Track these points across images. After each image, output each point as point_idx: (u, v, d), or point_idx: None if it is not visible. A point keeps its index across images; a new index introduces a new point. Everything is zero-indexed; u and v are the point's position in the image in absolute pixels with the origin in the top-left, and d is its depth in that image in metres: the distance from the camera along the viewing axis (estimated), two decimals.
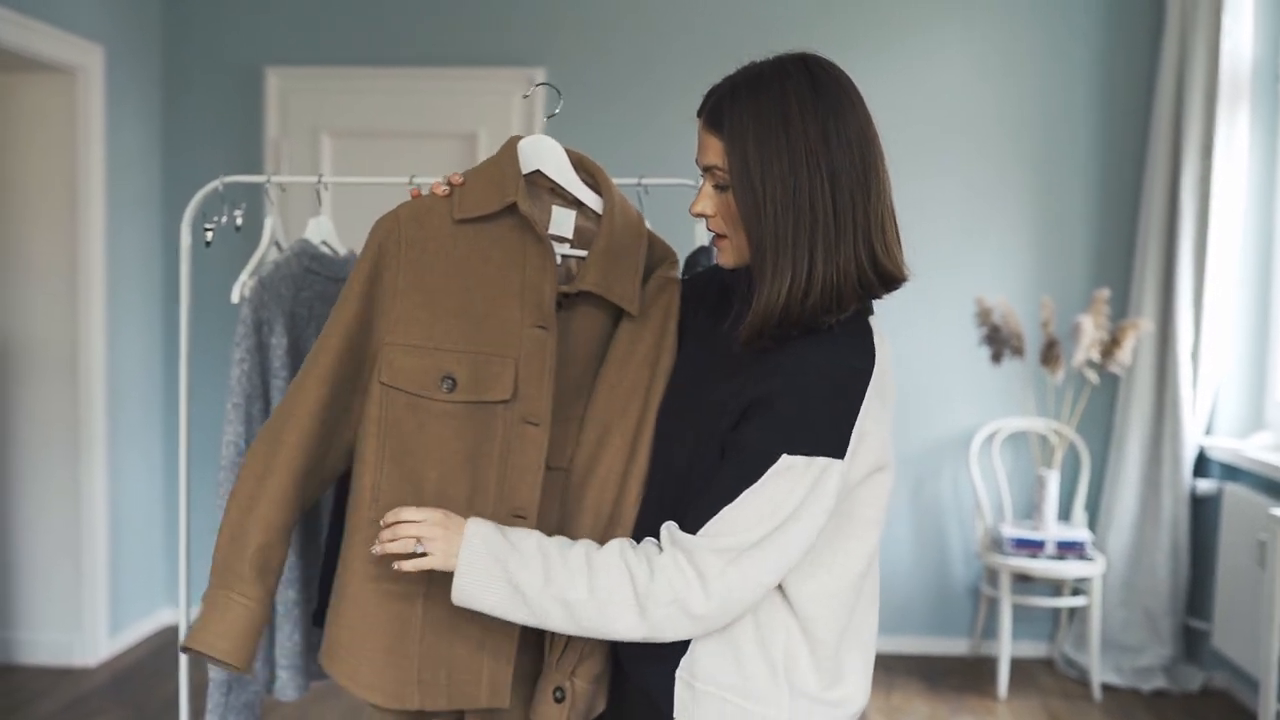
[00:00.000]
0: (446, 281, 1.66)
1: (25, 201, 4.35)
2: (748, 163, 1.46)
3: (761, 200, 1.46)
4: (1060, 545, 4.26)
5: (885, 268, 1.50)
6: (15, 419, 4.40)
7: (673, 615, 1.45)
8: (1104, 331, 4.28)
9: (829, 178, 1.45)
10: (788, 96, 1.47)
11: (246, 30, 4.82)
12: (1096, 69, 4.61)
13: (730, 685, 1.51)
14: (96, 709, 4.02)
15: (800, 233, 1.45)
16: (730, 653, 1.51)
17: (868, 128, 1.51)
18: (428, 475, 1.65)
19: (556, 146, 1.75)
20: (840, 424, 1.45)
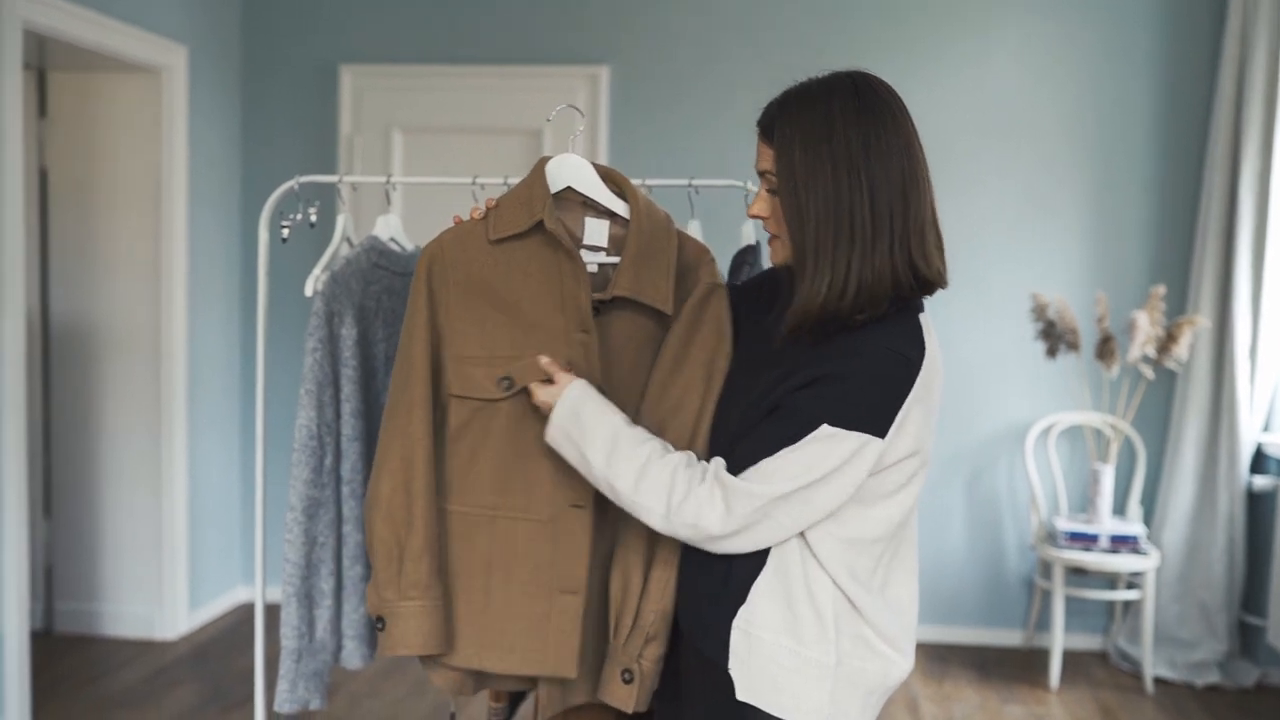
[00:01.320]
0: (493, 298, 1.82)
1: (113, 196, 4.57)
2: (793, 170, 1.58)
3: (804, 206, 1.58)
4: (1114, 539, 4.29)
5: (923, 273, 1.61)
6: (102, 403, 4.63)
7: (691, 535, 1.63)
8: (1159, 327, 4.30)
9: (868, 188, 1.56)
10: (833, 111, 1.58)
11: (322, 30, 4.99)
12: (1156, 66, 4.62)
13: (785, 630, 1.63)
14: (176, 679, 4.23)
15: (839, 238, 1.57)
16: (784, 600, 1.63)
17: (911, 143, 1.61)
18: (490, 469, 1.82)
19: (583, 163, 1.88)
20: (885, 407, 1.58)
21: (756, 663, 1.64)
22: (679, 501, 1.61)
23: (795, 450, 1.57)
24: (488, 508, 1.84)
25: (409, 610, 1.80)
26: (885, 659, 1.66)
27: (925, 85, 4.66)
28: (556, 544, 1.81)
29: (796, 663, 1.62)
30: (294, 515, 2.29)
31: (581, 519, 1.81)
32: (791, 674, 1.62)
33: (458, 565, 1.84)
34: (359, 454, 2.35)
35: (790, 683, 1.62)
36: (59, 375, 4.65)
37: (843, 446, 1.56)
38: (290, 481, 2.29)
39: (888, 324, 1.60)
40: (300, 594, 2.30)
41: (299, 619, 2.30)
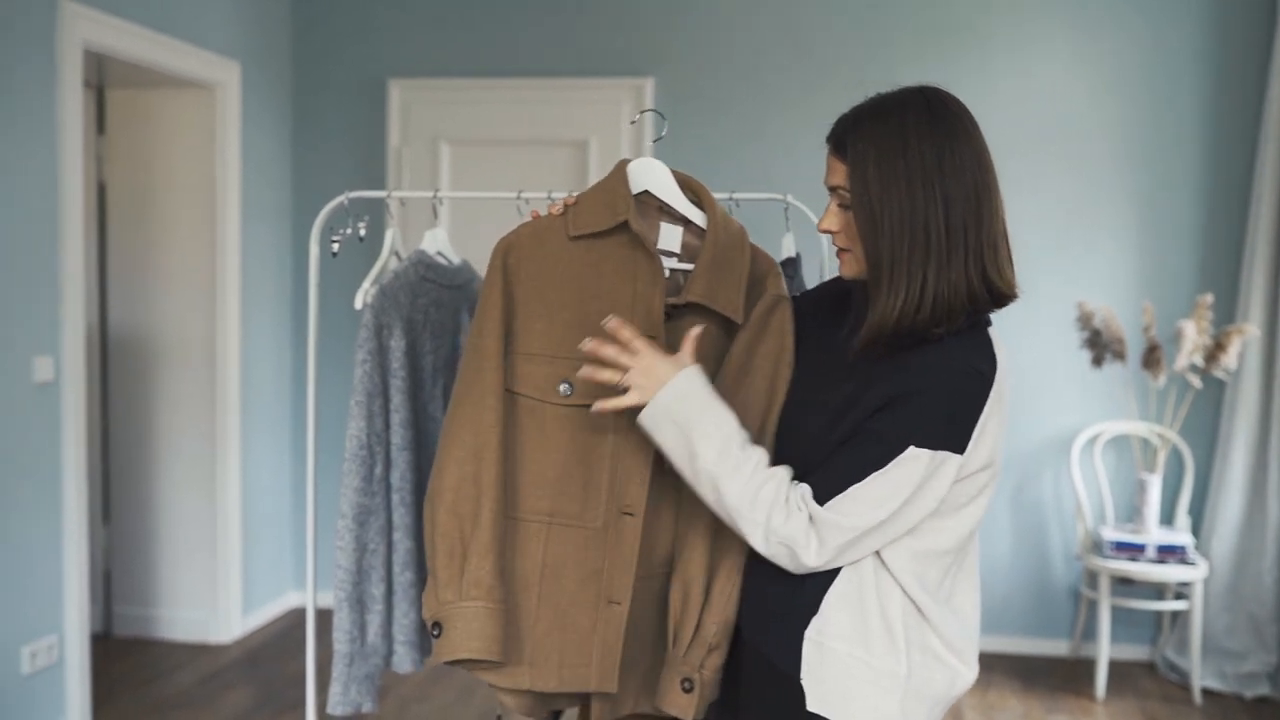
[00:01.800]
0: (563, 294, 1.78)
1: (169, 209, 4.68)
2: (867, 185, 1.59)
3: (879, 220, 1.59)
4: (1161, 549, 4.27)
5: (996, 286, 1.62)
6: (159, 412, 4.74)
7: (783, 557, 1.63)
8: (1207, 336, 4.27)
9: (943, 202, 1.57)
10: (907, 125, 1.59)
11: (371, 45, 5.08)
12: (1203, 72, 4.59)
13: (857, 641, 1.64)
14: (229, 682, 4.32)
15: (914, 251, 1.57)
16: (858, 612, 1.65)
17: (983, 156, 1.62)
18: (546, 474, 1.78)
19: (663, 168, 1.88)
20: (964, 423, 1.59)
21: (829, 674, 1.65)
22: (780, 523, 1.61)
23: (883, 475, 1.58)
24: (543, 514, 1.79)
25: (470, 611, 1.73)
26: (952, 669, 1.68)
27: (970, 97, 4.60)
28: (606, 552, 1.79)
29: (869, 674, 1.63)
30: (345, 522, 2.35)
31: (633, 526, 1.78)
32: (864, 685, 1.64)
33: (509, 576, 1.79)
34: (408, 463, 2.41)
35: (862, 693, 1.64)
36: (117, 385, 4.77)
37: (927, 466, 1.58)
38: (341, 489, 2.36)
39: (961, 339, 1.61)
40: (352, 599, 2.36)
41: (351, 623, 2.36)
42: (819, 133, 1.71)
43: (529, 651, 1.79)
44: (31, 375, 3.58)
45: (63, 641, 3.74)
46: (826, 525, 1.59)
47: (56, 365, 3.68)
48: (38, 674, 3.63)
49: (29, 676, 3.59)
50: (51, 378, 3.65)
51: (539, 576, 1.79)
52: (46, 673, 3.67)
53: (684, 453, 1.65)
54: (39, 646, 3.62)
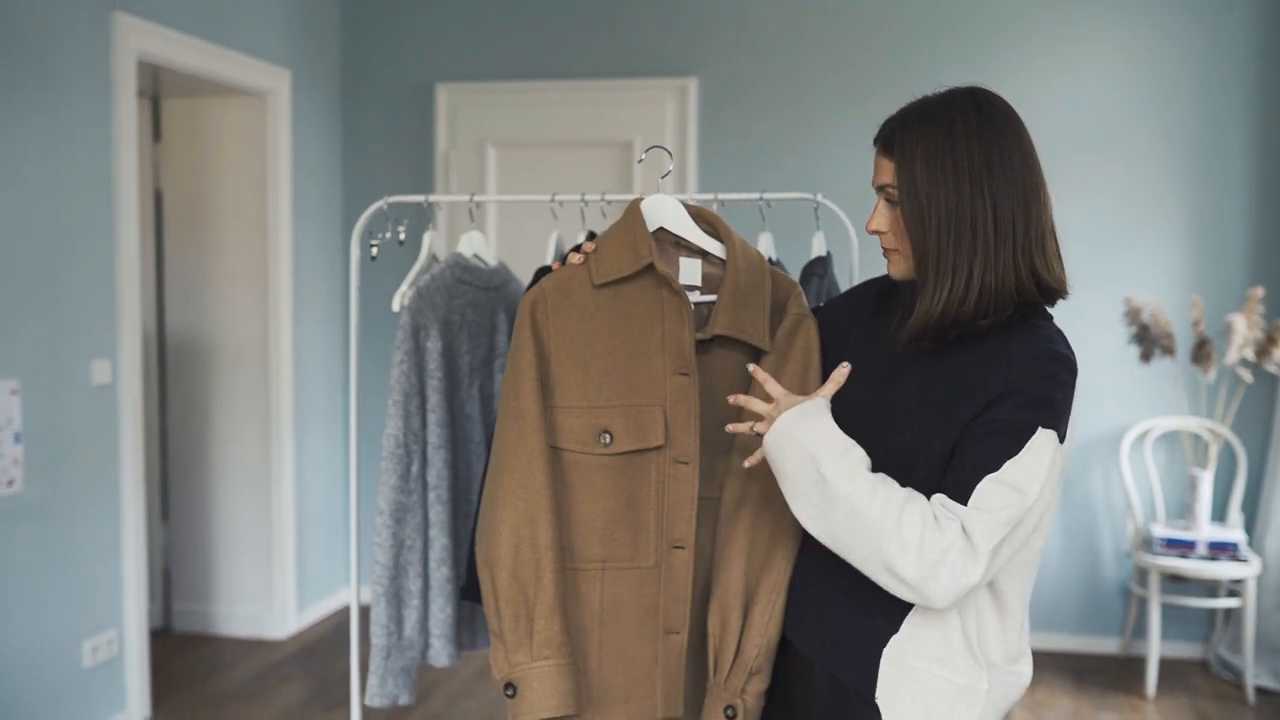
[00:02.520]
0: (593, 343, 1.80)
1: (223, 215, 4.79)
2: (915, 181, 1.61)
3: (926, 215, 1.60)
4: (1212, 546, 4.22)
5: (1045, 281, 1.63)
6: (214, 412, 4.85)
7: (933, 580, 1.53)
8: (1258, 330, 4.21)
9: (991, 198, 1.58)
10: (955, 124, 1.61)
11: (418, 50, 5.16)
12: (1254, 63, 4.52)
13: (937, 659, 1.62)
14: (285, 676, 4.41)
15: (961, 245, 1.59)
16: (940, 628, 1.63)
17: (1030, 154, 1.63)
18: (595, 523, 1.80)
19: (675, 202, 1.89)
20: (1067, 407, 1.60)
21: (908, 692, 1.63)
22: (935, 540, 1.53)
23: (1017, 462, 1.54)
24: (596, 561, 1.81)
25: (544, 671, 1.74)
26: (1020, 675, 1.67)
27: (1015, 94, 4.57)
28: (662, 587, 1.81)
29: (950, 691, 1.62)
30: (382, 519, 2.41)
31: (684, 559, 1.80)
32: (943, 702, 1.62)
33: (570, 625, 1.80)
34: (444, 461, 2.46)
35: (941, 710, 1.63)
36: (175, 387, 4.89)
37: (1055, 449, 1.57)
38: (379, 487, 2.42)
39: (1040, 327, 1.63)
40: (389, 594, 2.42)
41: (388, 618, 2.42)
42: (860, 133, 1.72)
43: (595, 692, 1.81)
44: (90, 378, 3.69)
45: (122, 636, 3.85)
46: (978, 525, 1.52)
47: (114, 368, 3.79)
48: (98, 668, 3.74)
49: (90, 670, 3.70)
50: (109, 380, 3.76)
51: (599, 621, 1.81)
52: (107, 666, 3.78)
53: (811, 475, 1.60)
54: (99, 641, 3.74)
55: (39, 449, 3.48)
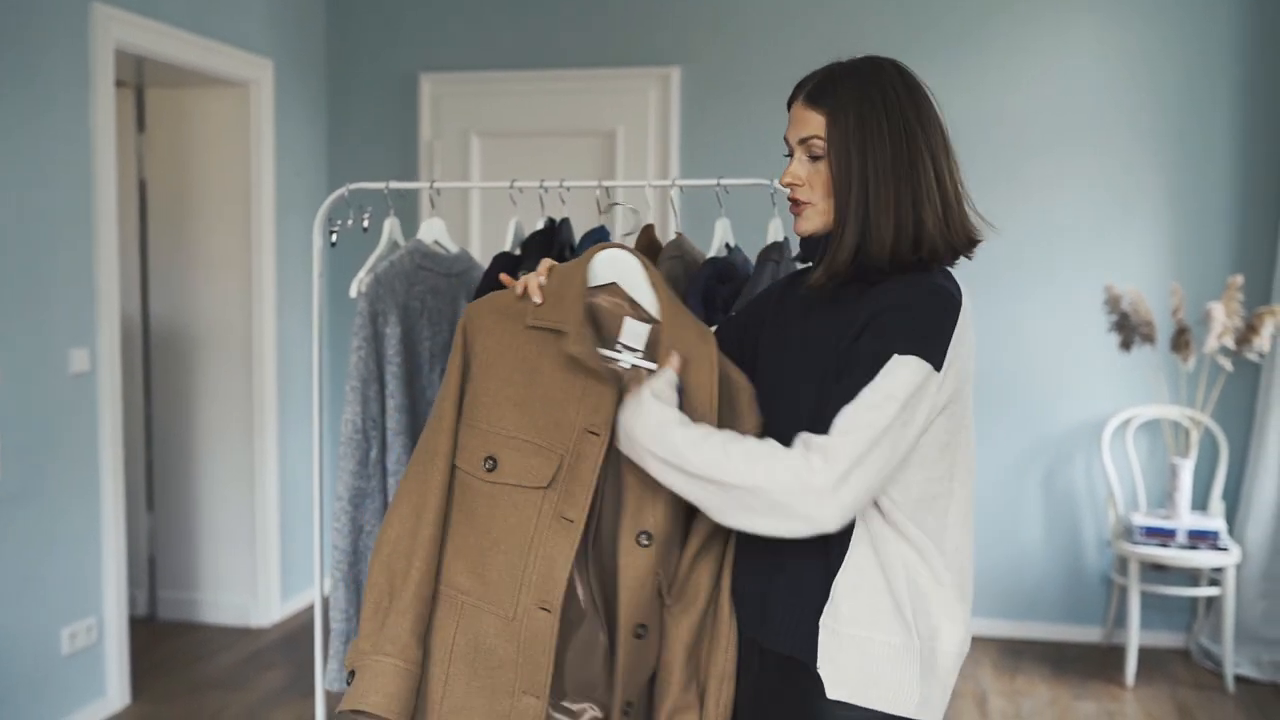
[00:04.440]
0: (513, 373, 1.75)
1: (207, 205, 4.81)
2: (849, 134, 1.67)
3: (855, 167, 1.67)
4: (1192, 534, 4.22)
5: (960, 232, 1.71)
6: (199, 402, 4.87)
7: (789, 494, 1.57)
8: (1238, 318, 4.20)
9: (914, 154, 1.67)
10: (885, 84, 1.70)
11: (402, 40, 5.17)
12: (1238, 53, 4.51)
13: (869, 622, 1.65)
14: (268, 664, 4.44)
15: (881, 198, 1.65)
16: (866, 595, 1.65)
17: (942, 122, 1.74)
18: (467, 552, 1.74)
19: (634, 263, 1.82)
20: (939, 338, 1.62)
21: (846, 658, 1.66)
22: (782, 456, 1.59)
23: (873, 387, 1.58)
24: (460, 590, 1.73)
25: (379, 666, 1.69)
26: (960, 626, 1.69)
27: (1001, 80, 4.64)
28: (520, 644, 1.70)
29: (887, 652, 1.65)
30: (341, 505, 2.43)
31: (548, 622, 1.69)
32: (882, 664, 1.65)
33: (427, 643, 1.75)
34: (404, 447, 2.47)
35: (881, 672, 1.65)
36: (159, 375, 4.91)
37: (915, 375, 1.59)
38: (338, 473, 2.43)
39: (931, 271, 1.68)
40: (348, 579, 2.43)
41: (347, 603, 2.43)
42: None
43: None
44: (68, 366, 3.70)
45: (101, 623, 3.87)
46: (830, 448, 1.56)
47: (93, 356, 3.81)
48: (77, 655, 3.76)
49: (68, 657, 3.73)
50: (88, 368, 3.78)
51: (449, 656, 1.73)
52: (86, 653, 3.80)
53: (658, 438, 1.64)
54: (78, 628, 3.76)
55: (17, 437, 3.50)
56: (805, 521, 1.58)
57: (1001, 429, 4.74)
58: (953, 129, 1.77)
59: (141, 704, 4.01)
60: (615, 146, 4.95)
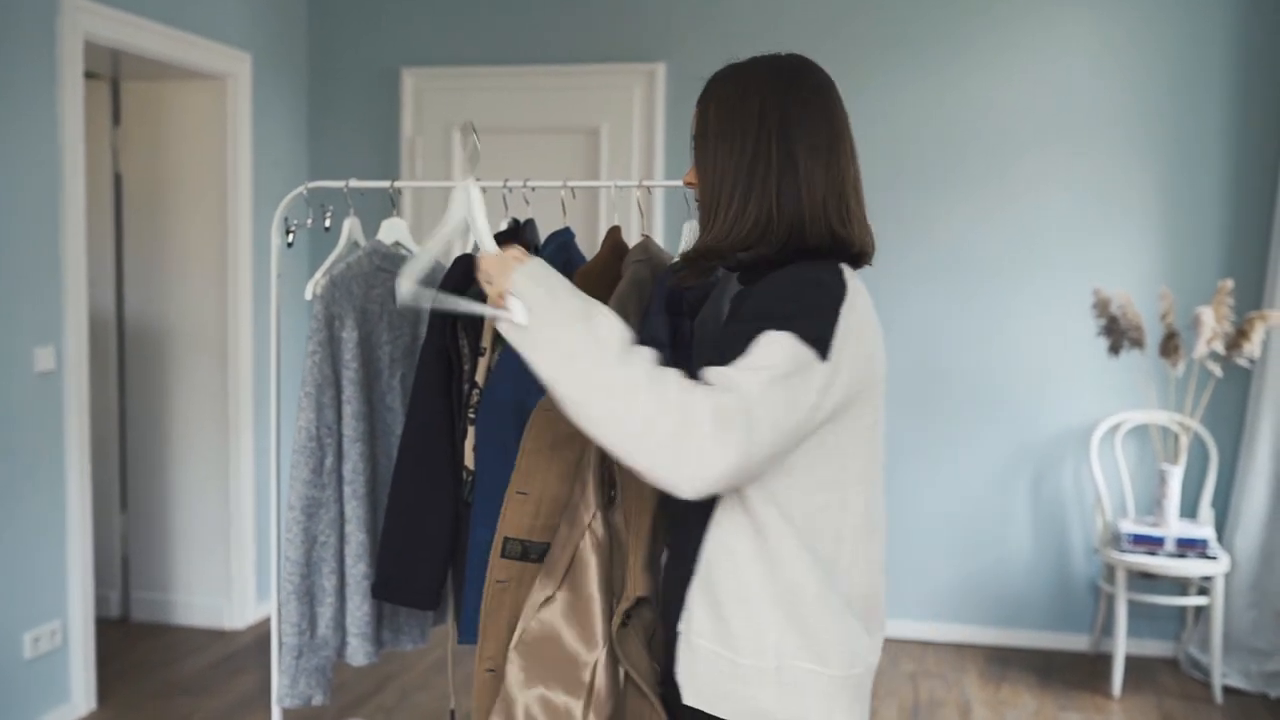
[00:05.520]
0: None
1: (183, 200, 4.72)
2: (707, 128, 1.65)
3: (710, 158, 1.64)
4: (1181, 542, 4.15)
5: (840, 235, 1.62)
6: (173, 400, 4.79)
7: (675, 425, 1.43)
8: (1227, 323, 4.13)
9: (783, 148, 1.60)
10: (753, 79, 1.65)
11: (384, 34, 5.08)
12: (1230, 55, 4.43)
13: (717, 638, 1.58)
14: (240, 668, 4.36)
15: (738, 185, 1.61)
16: (716, 609, 1.58)
17: (836, 121, 1.66)
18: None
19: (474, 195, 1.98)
20: (820, 321, 1.50)
21: (699, 670, 1.60)
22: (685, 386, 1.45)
23: (746, 357, 1.46)
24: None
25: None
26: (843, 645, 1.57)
27: (989, 81, 4.55)
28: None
29: (735, 671, 1.57)
30: (293, 514, 2.34)
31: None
32: (730, 681, 1.57)
33: None
34: (360, 454, 2.39)
35: (732, 690, 1.58)
36: (134, 372, 4.83)
37: (789, 350, 1.46)
38: (290, 482, 2.35)
39: (813, 263, 1.59)
40: (300, 591, 2.35)
41: (299, 616, 2.35)
42: None
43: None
44: (33, 365, 3.62)
45: (66, 627, 3.80)
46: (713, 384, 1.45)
47: (58, 355, 3.73)
48: (40, 659, 3.69)
49: (31, 662, 3.65)
50: (53, 367, 3.70)
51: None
52: (49, 658, 3.73)
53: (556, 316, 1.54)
54: (41, 632, 3.68)
55: None
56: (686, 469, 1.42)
57: (988, 433, 4.66)
58: (939, 127, 1.73)
59: (107, 709, 3.94)
60: (599, 143, 4.87)
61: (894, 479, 4.73)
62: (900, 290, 4.67)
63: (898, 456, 4.72)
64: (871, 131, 4.61)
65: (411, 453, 2.26)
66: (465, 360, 2.25)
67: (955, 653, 4.64)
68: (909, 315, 4.66)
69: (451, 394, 2.25)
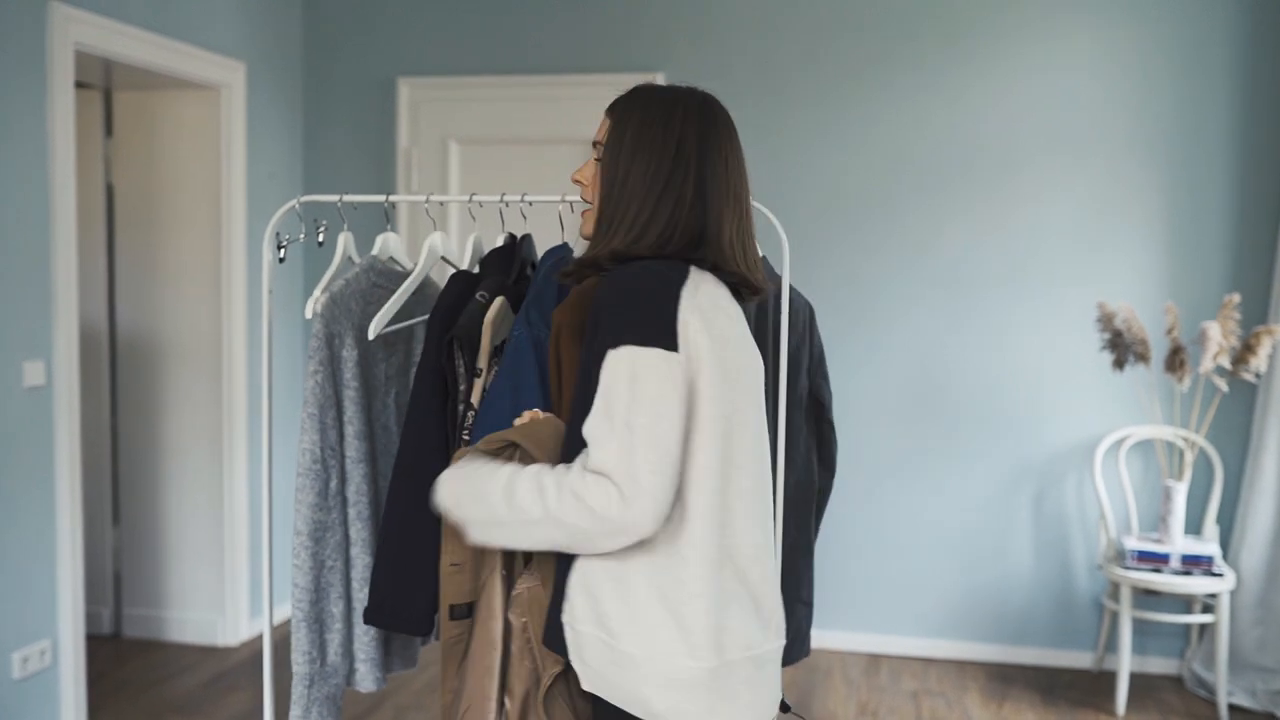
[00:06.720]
0: None
1: (176, 211, 4.66)
2: (623, 144, 1.72)
3: (619, 176, 1.71)
4: (1186, 559, 4.10)
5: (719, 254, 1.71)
6: (166, 414, 4.73)
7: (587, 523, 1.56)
8: (1233, 338, 4.09)
9: (695, 174, 1.70)
10: (677, 104, 1.75)
11: (380, 43, 5.03)
12: (1234, 67, 4.39)
13: (595, 623, 1.63)
14: (235, 684, 4.30)
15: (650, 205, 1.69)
16: (590, 595, 1.63)
17: (736, 162, 1.77)
18: None
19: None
20: (657, 317, 1.58)
21: (588, 656, 1.64)
22: (554, 496, 1.58)
23: (601, 392, 1.56)
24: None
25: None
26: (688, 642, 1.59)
27: (991, 93, 4.51)
28: None
29: (613, 656, 1.61)
30: (301, 540, 2.28)
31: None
32: (611, 667, 1.62)
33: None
34: (363, 475, 2.34)
35: (617, 677, 1.62)
36: (125, 386, 4.77)
37: (628, 360, 1.55)
38: (296, 506, 2.29)
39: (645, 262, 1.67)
40: (310, 618, 2.29)
41: (310, 644, 2.29)
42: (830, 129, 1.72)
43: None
44: (22, 380, 3.56)
45: (56, 646, 3.73)
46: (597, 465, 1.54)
47: (48, 369, 3.67)
48: (29, 679, 3.62)
49: (20, 682, 3.58)
50: (43, 382, 3.64)
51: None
52: (38, 677, 3.66)
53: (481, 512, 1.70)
54: (30, 651, 3.61)
55: None
56: (626, 536, 1.56)
57: (991, 448, 4.62)
58: (939, 139, 1.73)
59: None
60: None
61: (895, 493, 4.68)
62: (901, 303, 4.62)
63: (898, 470, 4.67)
64: (870, 144, 4.57)
65: (406, 475, 2.20)
66: (461, 381, 2.20)
67: (957, 670, 4.59)
68: (910, 329, 4.61)
69: (447, 415, 2.20)
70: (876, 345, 4.59)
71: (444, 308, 2.21)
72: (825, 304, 4.42)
